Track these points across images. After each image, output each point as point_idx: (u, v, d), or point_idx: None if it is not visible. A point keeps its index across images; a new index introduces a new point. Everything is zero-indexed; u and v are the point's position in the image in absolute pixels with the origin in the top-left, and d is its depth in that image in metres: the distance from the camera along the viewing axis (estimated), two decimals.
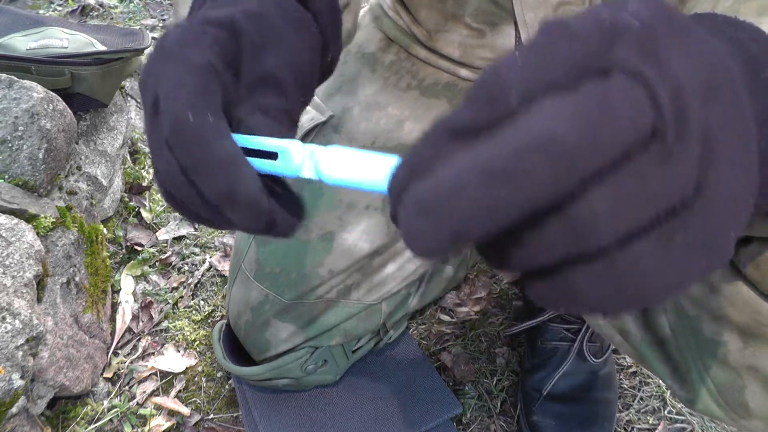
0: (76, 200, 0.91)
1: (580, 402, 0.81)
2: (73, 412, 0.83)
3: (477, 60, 0.67)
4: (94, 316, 0.89)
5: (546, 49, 0.19)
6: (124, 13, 1.76)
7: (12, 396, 0.65)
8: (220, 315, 0.99)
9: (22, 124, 0.80)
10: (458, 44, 0.67)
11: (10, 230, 0.72)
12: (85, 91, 0.99)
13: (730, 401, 0.51)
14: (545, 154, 0.17)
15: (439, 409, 0.81)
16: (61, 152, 0.87)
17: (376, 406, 0.81)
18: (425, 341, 0.96)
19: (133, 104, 1.28)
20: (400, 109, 0.72)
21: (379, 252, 0.71)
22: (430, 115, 0.71)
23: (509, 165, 0.17)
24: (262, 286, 0.72)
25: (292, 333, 0.72)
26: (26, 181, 0.80)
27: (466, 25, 0.66)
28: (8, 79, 0.82)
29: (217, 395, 0.88)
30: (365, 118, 0.73)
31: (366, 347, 0.83)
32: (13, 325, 0.66)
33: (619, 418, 0.85)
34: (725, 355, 0.49)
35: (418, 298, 0.81)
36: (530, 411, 0.82)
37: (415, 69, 0.73)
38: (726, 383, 0.50)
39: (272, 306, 0.71)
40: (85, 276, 0.89)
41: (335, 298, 0.71)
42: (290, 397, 0.82)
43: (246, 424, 0.81)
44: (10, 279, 0.69)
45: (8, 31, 0.99)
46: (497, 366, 0.92)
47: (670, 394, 0.88)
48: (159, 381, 0.89)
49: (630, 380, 0.90)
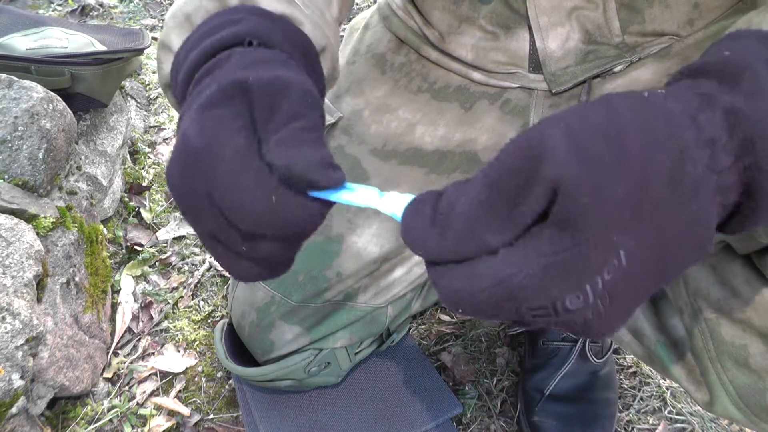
0: (76, 200, 0.91)
1: (581, 402, 0.81)
2: (73, 412, 0.83)
3: (489, 63, 0.67)
4: (94, 316, 0.89)
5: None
6: (124, 13, 1.76)
7: (12, 396, 0.65)
8: (220, 315, 0.99)
9: (22, 124, 0.80)
10: (471, 47, 0.67)
11: (10, 230, 0.72)
12: (85, 91, 0.99)
13: (751, 404, 0.50)
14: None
15: (439, 409, 0.81)
16: (61, 152, 0.87)
17: (376, 406, 0.81)
18: (425, 341, 0.96)
19: (133, 104, 1.28)
20: (411, 112, 0.71)
21: (389, 257, 0.70)
22: (441, 119, 0.70)
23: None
24: (268, 288, 0.72)
25: (297, 335, 0.72)
26: (26, 181, 0.80)
27: (479, 28, 0.65)
28: (8, 79, 0.82)
29: (217, 395, 0.88)
30: (376, 121, 0.72)
31: (368, 349, 0.83)
32: (13, 325, 0.66)
33: (619, 418, 0.85)
34: (746, 359, 0.49)
35: (421, 301, 0.81)
36: (531, 411, 0.82)
37: (425, 71, 0.72)
38: (747, 386, 0.50)
39: (278, 307, 0.71)
40: (85, 276, 0.89)
41: (342, 300, 0.71)
42: (290, 398, 0.82)
43: (246, 424, 0.81)
44: (10, 279, 0.69)
45: (8, 31, 0.99)
46: (497, 366, 0.92)
47: (670, 394, 0.88)
48: (159, 381, 0.89)
49: (630, 380, 0.90)
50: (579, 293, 0.25)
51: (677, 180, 0.25)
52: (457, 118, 0.69)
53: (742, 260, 0.49)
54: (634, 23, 0.60)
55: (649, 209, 0.25)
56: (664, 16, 0.59)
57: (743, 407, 0.51)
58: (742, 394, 0.51)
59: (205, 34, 0.38)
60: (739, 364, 0.50)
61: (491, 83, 0.67)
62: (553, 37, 0.61)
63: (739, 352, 0.50)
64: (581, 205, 0.24)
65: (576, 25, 0.60)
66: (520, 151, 0.25)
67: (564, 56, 0.62)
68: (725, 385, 0.52)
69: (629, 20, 0.59)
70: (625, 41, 0.60)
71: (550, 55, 0.62)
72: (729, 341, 0.50)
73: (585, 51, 0.61)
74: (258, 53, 0.35)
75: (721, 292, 0.50)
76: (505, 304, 0.26)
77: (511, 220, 0.25)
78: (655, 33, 0.60)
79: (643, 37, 0.60)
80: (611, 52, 0.61)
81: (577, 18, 0.60)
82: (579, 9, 0.59)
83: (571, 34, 0.61)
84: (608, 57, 0.61)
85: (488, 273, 0.25)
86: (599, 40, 0.61)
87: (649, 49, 0.61)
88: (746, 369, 0.50)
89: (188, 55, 0.37)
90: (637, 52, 0.61)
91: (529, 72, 0.65)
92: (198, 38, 0.38)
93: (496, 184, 0.25)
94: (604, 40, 0.61)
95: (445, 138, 0.69)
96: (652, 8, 0.58)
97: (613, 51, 0.61)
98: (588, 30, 0.60)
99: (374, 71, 0.74)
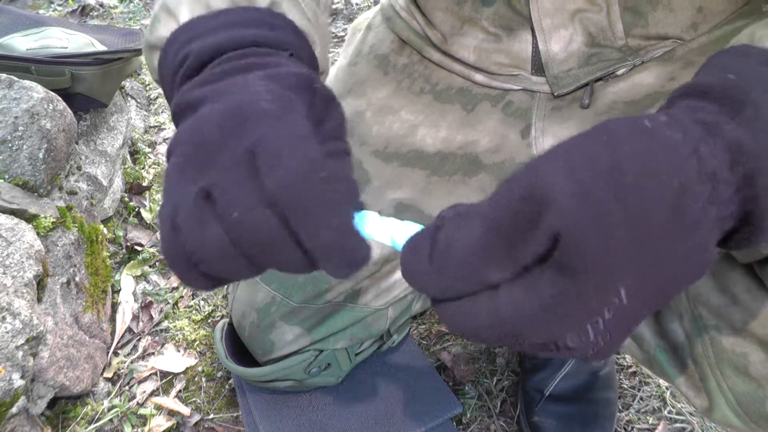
0: (76, 200, 0.91)
1: (581, 402, 0.81)
2: (73, 412, 0.83)
3: (492, 65, 0.67)
4: (94, 316, 0.89)
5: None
6: (124, 13, 1.76)
7: (12, 396, 0.65)
8: (220, 315, 0.99)
9: (22, 124, 0.80)
10: (474, 48, 0.67)
11: (10, 230, 0.72)
12: (85, 91, 0.99)
13: (751, 412, 0.50)
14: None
15: (439, 409, 0.81)
16: (61, 152, 0.87)
17: (376, 406, 0.81)
18: (425, 341, 0.96)
19: (133, 104, 1.27)
20: (413, 113, 0.71)
21: (389, 258, 0.70)
22: (443, 121, 0.70)
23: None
24: (269, 288, 0.72)
25: (297, 335, 0.72)
26: (26, 181, 0.80)
27: (482, 29, 0.65)
28: (8, 79, 0.82)
29: (217, 395, 0.88)
30: (378, 122, 0.72)
31: (369, 350, 0.83)
32: (13, 325, 0.66)
33: (619, 418, 0.85)
34: (746, 367, 0.49)
35: (422, 302, 0.81)
36: (531, 411, 0.82)
37: (428, 72, 0.72)
38: (746, 394, 0.50)
39: (279, 308, 0.71)
40: (85, 276, 0.89)
41: (343, 302, 0.71)
42: (290, 398, 0.82)
43: (246, 424, 0.81)
44: (10, 279, 0.69)
45: (8, 31, 0.99)
46: (497, 366, 0.92)
47: (670, 394, 0.88)
48: (159, 381, 0.89)
49: (630, 380, 0.91)
50: (580, 333, 0.25)
51: (679, 217, 0.25)
52: (458, 119, 0.69)
53: (743, 268, 0.49)
54: (637, 26, 0.59)
55: (650, 247, 0.25)
56: (668, 20, 0.59)
57: (742, 415, 0.51)
58: (742, 401, 0.50)
59: (239, 24, 0.39)
60: (739, 371, 0.50)
61: (493, 85, 0.67)
62: (556, 40, 0.61)
63: (739, 360, 0.49)
64: (584, 252, 0.24)
65: (579, 27, 0.60)
66: (520, 192, 0.25)
67: (567, 59, 0.62)
68: (724, 392, 0.51)
69: (633, 23, 0.59)
70: (629, 44, 0.60)
71: (552, 58, 0.62)
72: (729, 348, 0.50)
73: (588, 54, 0.61)
74: (300, 65, 0.38)
75: (722, 299, 0.50)
76: (507, 339, 0.26)
77: (511, 259, 0.25)
78: (659, 36, 0.60)
79: (646, 40, 0.60)
80: (614, 55, 0.61)
81: (581, 20, 0.60)
82: (582, 11, 0.59)
83: (574, 37, 0.61)
84: (611, 60, 0.61)
85: (488, 311, 0.26)
86: (602, 43, 0.61)
87: (652, 53, 0.61)
88: (746, 377, 0.49)
89: (215, 33, 0.38)
90: (640, 56, 0.61)
91: (531, 74, 0.65)
92: (226, 24, 0.39)
93: (496, 226, 0.25)
94: (607, 43, 0.61)
95: (447, 140, 0.69)
96: (656, 12, 0.58)
97: (616, 54, 0.61)
98: (591, 33, 0.60)
99: (377, 72, 0.74)
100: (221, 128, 0.32)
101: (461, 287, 0.26)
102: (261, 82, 0.34)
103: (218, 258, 0.31)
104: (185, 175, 0.32)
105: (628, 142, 0.26)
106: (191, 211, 0.30)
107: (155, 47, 0.43)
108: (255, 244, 0.30)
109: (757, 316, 0.47)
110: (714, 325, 0.51)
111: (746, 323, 0.48)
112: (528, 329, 0.25)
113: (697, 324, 0.53)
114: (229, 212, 0.30)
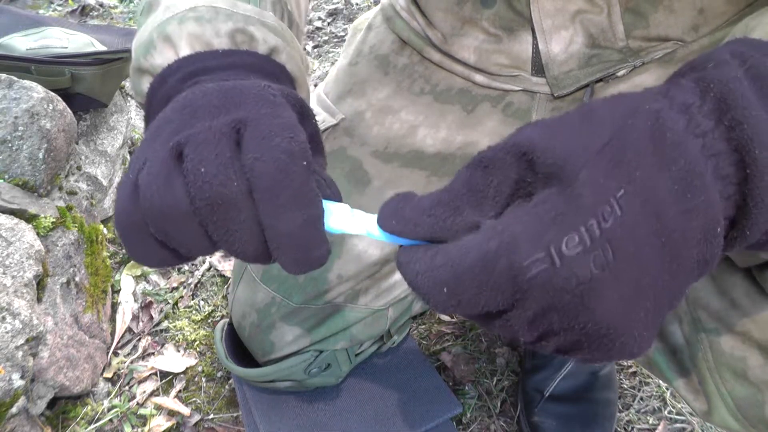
0: (76, 200, 0.91)
1: (581, 402, 0.81)
2: (73, 412, 0.83)
3: (492, 66, 0.67)
4: (94, 316, 0.89)
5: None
6: (124, 13, 1.76)
7: (12, 396, 0.65)
8: (220, 315, 0.99)
9: (22, 124, 0.80)
10: (474, 49, 0.67)
11: (10, 230, 0.72)
12: (85, 91, 0.99)
13: (749, 416, 0.50)
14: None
15: (439, 409, 0.81)
16: (61, 152, 0.87)
17: (376, 406, 0.81)
18: (425, 341, 0.96)
19: (133, 104, 1.27)
20: (413, 114, 0.71)
21: (389, 259, 0.70)
22: (443, 121, 0.70)
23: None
24: (269, 289, 0.72)
25: (297, 336, 0.72)
26: (26, 181, 0.80)
27: (482, 30, 0.65)
28: (8, 79, 0.82)
29: (217, 395, 0.88)
30: (378, 123, 0.72)
31: (369, 351, 0.83)
32: (13, 325, 0.66)
33: (619, 418, 0.85)
34: (745, 371, 0.49)
35: (421, 302, 0.81)
36: (531, 411, 0.82)
37: (428, 73, 0.72)
38: (745, 398, 0.50)
39: (279, 308, 0.71)
40: (85, 276, 0.89)
41: (343, 302, 0.71)
42: (290, 398, 0.82)
43: (246, 424, 0.81)
44: (10, 279, 0.69)
45: (8, 31, 0.99)
46: (497, 366, 0.92)
47: (670, 394, 0.88)
48: (159, 381, 0.89)
49: (630, 380, 0.91)
50: (574, 234, 0.24)
51: (657, 136, 0.26)
52: (459, 120, 0.69)
53: (743, 272, 0.49)
54: (638, 28, 0.59)
55: (630, 160, 0.25)
56: (669, 22, 0.58)
57: (741, 419, 0.51)
58: (740, 405, 0.50)
59: (242, 67, 0.40)
60: (737, 375, 0.50)
61: (493, 86, 0.67)
62: (557, 41, 0.61)
63: (737, 364, 0.49)
64: (558, 155, 0.25)
65: (580, 28, 0.60)
66: (483, 153, 0.27)
67: (567, 60, 0.62)
68: (723, 396, 0.51)
69: (633, 25, 0.59)
70: (629, 46, 0.60)
71: (553, 59, 0.62)
72: (728, 352, 0.50)
73: (588, 55, 0.61)
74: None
75: (721, 302, 0.50)
76: (498, 268, 0.24)
77: (490, 197, 0.27)
78: (660, 38, 0.60)
79: (647, 42, 0.60)
80: (615, 56, 0.61)
81: (581, 21, 0.60)
82: (583, 12, 0.59)
83: (575, 38, 0.61)
84: (612, 61, 0.61)
85: (475, 242, 0.25)
86: (603, 44, 0.61)
87: (653, 54, 0.61)
88: (745, 381, 0.49)
89: (223, 72, 0.39)
90: (640, 57, 0.61)
91: (531, 75, 0.65)
92: (230, 65, 0.40)
93: (467, 173, 0.27)
94: (607, 45, 0.60)
95: (447, 140, 0.69)
96: (657, 13, 0.58)
97: (617, 55, 0.61)
98: (592, 34, 0.60)
99: (377, 73, 0.74)
100: (214, 98, 0.32)
101: (444, 224, 0.27)
102: (260, 80, 0.35)
103: (174, 219, 0.29)
104: (161, 134, 0.31)
105: (601, 101, 0.28)
106: (158, 166, 0.29)
107: (147, 73, 0.42)
108: (214, 207, 0.29)
109: (756, 320, 0.47)
110: (713, 328, 0.51)
111: (745, 327, 0.48)
112: (519, 239, 0.24)
113: (696, 327, 0.53)
114: (198, 167, 0.29)
